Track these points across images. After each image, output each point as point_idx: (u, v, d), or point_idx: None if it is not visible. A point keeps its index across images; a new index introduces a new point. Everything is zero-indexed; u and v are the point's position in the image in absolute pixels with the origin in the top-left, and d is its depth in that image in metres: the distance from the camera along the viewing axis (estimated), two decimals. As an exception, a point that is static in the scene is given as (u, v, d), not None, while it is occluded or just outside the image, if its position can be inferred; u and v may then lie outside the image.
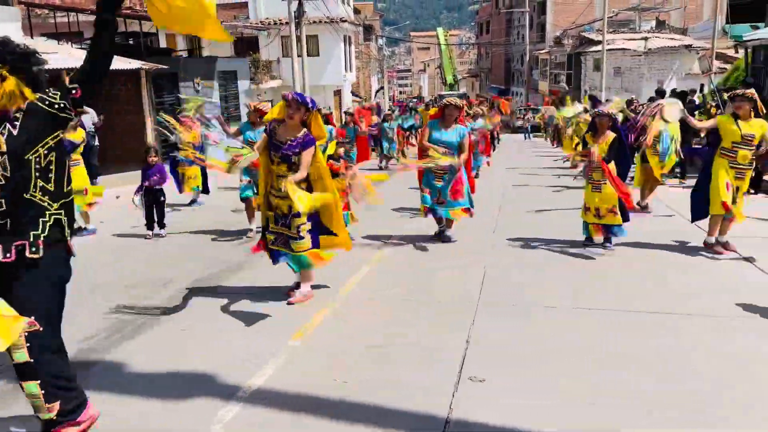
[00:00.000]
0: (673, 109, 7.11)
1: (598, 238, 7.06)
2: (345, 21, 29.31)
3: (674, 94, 13.07)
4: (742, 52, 18.46)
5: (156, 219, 8.19)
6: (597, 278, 6.01)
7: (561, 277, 6.06)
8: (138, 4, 21.10)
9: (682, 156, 9.87)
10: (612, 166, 6.80)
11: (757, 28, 25.52)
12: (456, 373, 3.96)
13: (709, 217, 6.65)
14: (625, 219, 6.89)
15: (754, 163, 6.67)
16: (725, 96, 12.72)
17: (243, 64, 23.01)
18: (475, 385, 3.80)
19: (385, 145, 16.66)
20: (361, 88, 41.60)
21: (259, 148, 5.18)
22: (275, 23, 27.86)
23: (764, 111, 6.62)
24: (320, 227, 5.29)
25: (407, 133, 18.38)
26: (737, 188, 6.49)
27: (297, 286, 5.51)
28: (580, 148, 7.46)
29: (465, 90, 73.27)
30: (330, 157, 6.83)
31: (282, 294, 5.49)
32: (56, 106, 3.02)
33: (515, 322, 4.87)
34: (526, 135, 33.14)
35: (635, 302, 5.22)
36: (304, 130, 5.12)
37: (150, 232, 8.14)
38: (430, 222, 7.83)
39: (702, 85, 18.81)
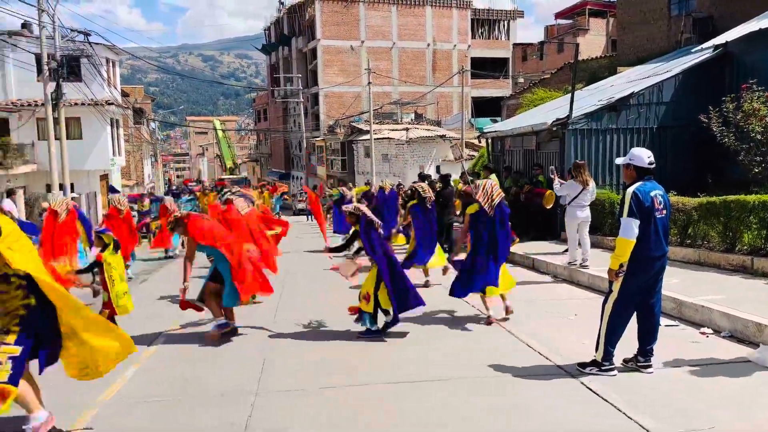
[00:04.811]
0: None
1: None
2: (111, 104, 27.83)
3: (441, 176, 14.73)
4: (484, 141, 21.35)
5: None
6: (374, 354, 6.22)
7: (342, 356, 6.15)
8: None
9: None
10: None
11: (496, 121, 30.02)
12: (231, 472, 3.73)
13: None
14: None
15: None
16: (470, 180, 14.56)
17: (-13, 147, 20.43)
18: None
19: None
20: (133, 172, 39.42)
21: None
22: (29, 105, 25.43)
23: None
24: (46, 350, 4.21)
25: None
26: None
27: None
28: None
29: (246, 174, 73.47)
30: None
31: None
32: None
33: (296, 408, 4.79)
34: (308, 216, 34.09)
35: (402, 373, 5.49)
36: None
37: None
38: (206, 314, 7.45)
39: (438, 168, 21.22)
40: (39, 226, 13.16)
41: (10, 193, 16.64)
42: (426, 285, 9.62)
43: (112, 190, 28.18)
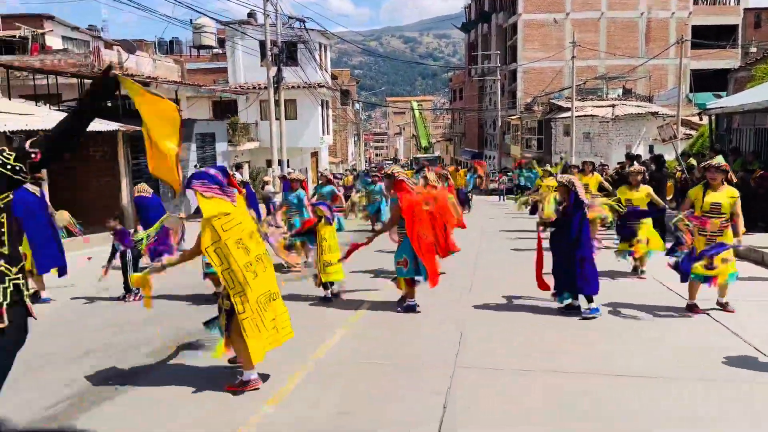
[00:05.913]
0: None
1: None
2: (322, 86, 29.96)
3: (653, 157, 13.50)
4: (706, 119, 19.18)
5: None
6: (572, 341, 5.99)
7: (538, 339, 6.02)
8: (117, 67, 21.34)
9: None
10: None
11: (720, 96, 26.72)
12: (432, 440, 3.86)
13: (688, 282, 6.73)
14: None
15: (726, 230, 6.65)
16: (691, 161, 13.18)
17: (221, 126, 23.26)
18: (451, 452, 3.70)
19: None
20: (338, 150, 42.21)
21: None
22: (254, 88, 28.40)
23: (734, 180, 6.81)
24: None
25: None
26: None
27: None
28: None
29: (439, 153, 74.73)
30: None
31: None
32: (9, 167, 2.91)
33: (492, 386, 4.80)
34: (501, 197, 33.69)
35: (609, 365, 5.20)
36: None
37: (129, 295, 8.08)
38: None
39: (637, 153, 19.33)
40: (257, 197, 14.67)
41: (238, 167, 18.78)
42: (637, 274, 9.02)
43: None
